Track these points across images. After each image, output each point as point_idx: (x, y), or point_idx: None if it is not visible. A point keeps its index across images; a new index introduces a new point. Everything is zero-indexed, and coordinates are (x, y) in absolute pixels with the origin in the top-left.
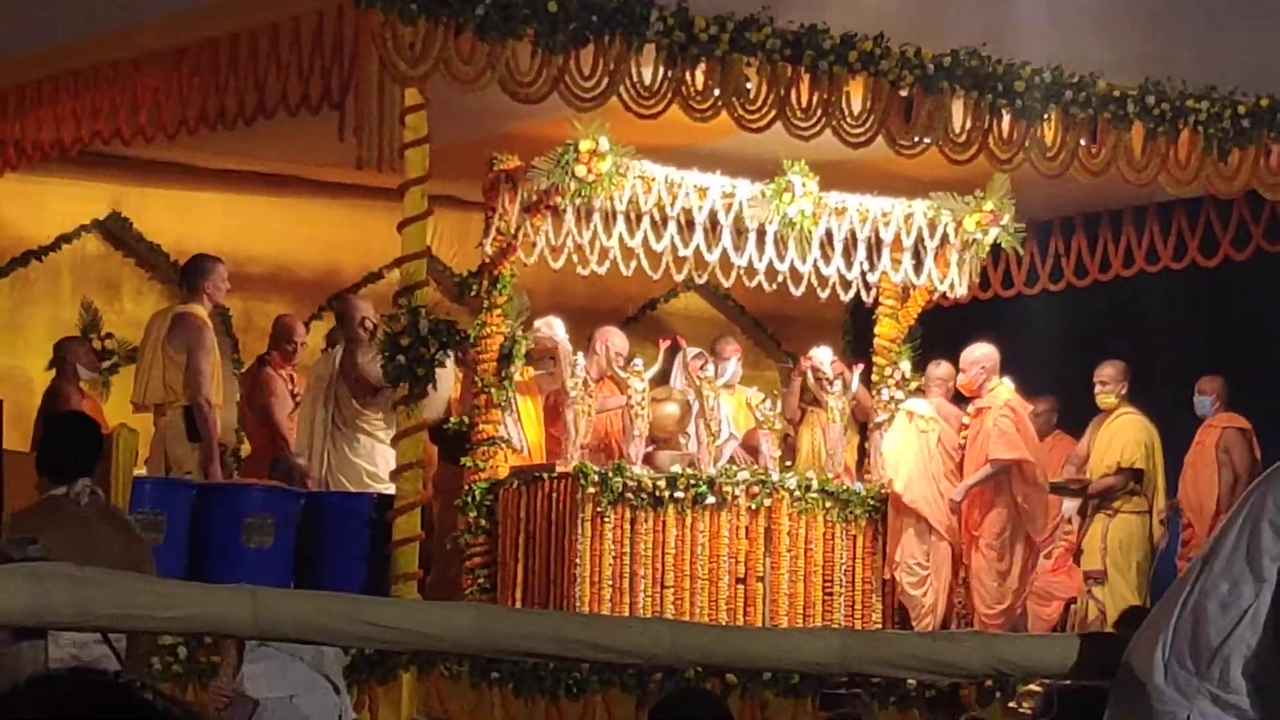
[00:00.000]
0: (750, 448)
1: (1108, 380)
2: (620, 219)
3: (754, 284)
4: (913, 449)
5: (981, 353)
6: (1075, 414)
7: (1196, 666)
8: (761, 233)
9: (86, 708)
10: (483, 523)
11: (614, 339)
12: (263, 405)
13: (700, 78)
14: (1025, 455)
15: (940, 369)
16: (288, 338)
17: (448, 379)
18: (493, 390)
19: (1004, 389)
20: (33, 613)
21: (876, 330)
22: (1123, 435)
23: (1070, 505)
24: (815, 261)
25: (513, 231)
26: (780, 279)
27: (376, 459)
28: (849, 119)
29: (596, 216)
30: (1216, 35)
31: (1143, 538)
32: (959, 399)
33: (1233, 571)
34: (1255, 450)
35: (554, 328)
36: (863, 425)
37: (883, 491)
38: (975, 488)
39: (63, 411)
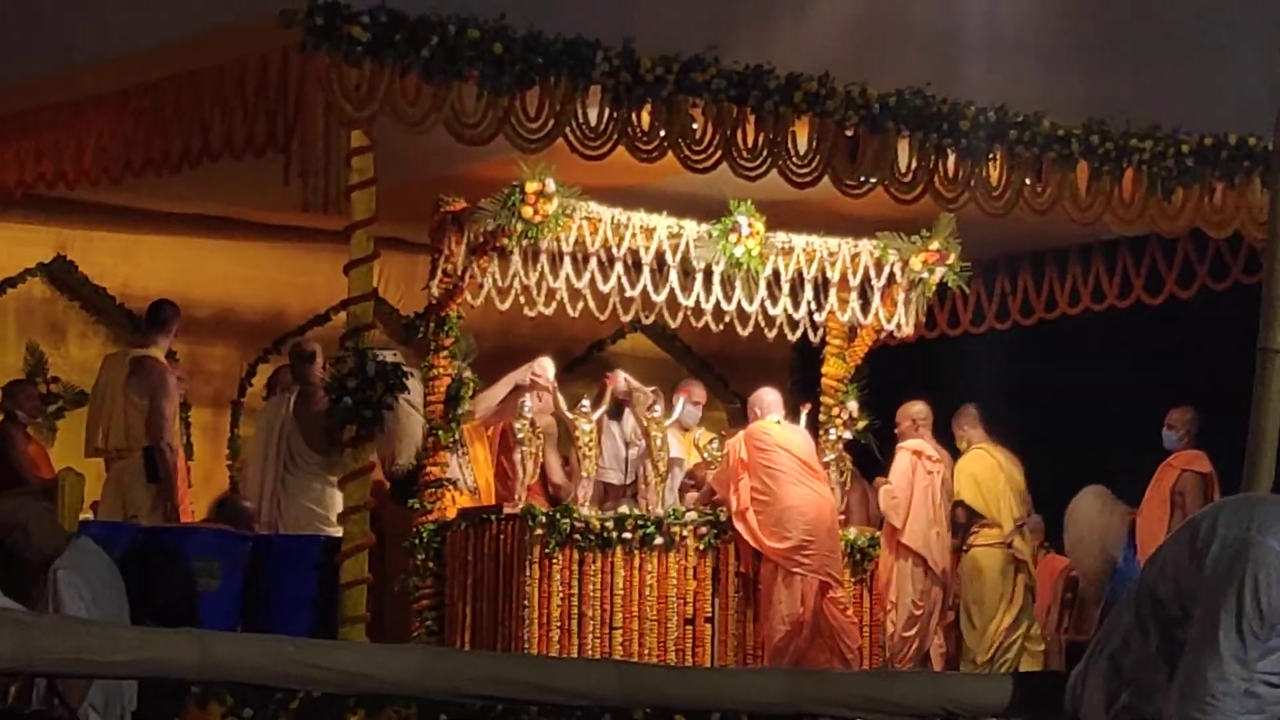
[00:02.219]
0: (697, 486)
1: (954, 429)
2: (567, 260)
3: (701, 324)
4: (920, 489)
5: (756, 394)
6: (1019, 453)
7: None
8: (708, 273)
9: None
10: (430, 565)
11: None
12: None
13: (646, 118)
14: (714, 486)
15: (915, 408)
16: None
17: (417, 423)
18: (440, 432)
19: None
20: None
21: (824, 370)
22: (959, 474)
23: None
24: (762, 301)
25: (459, 273)
26: (727, 319)
27: (326, 502)
28: (795, 159)
29: (543, 257)
30: (1159, 74)
31: (993, 569)
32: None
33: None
34: (1214, 495)
35: (547, 369)
36: None
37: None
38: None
39: None
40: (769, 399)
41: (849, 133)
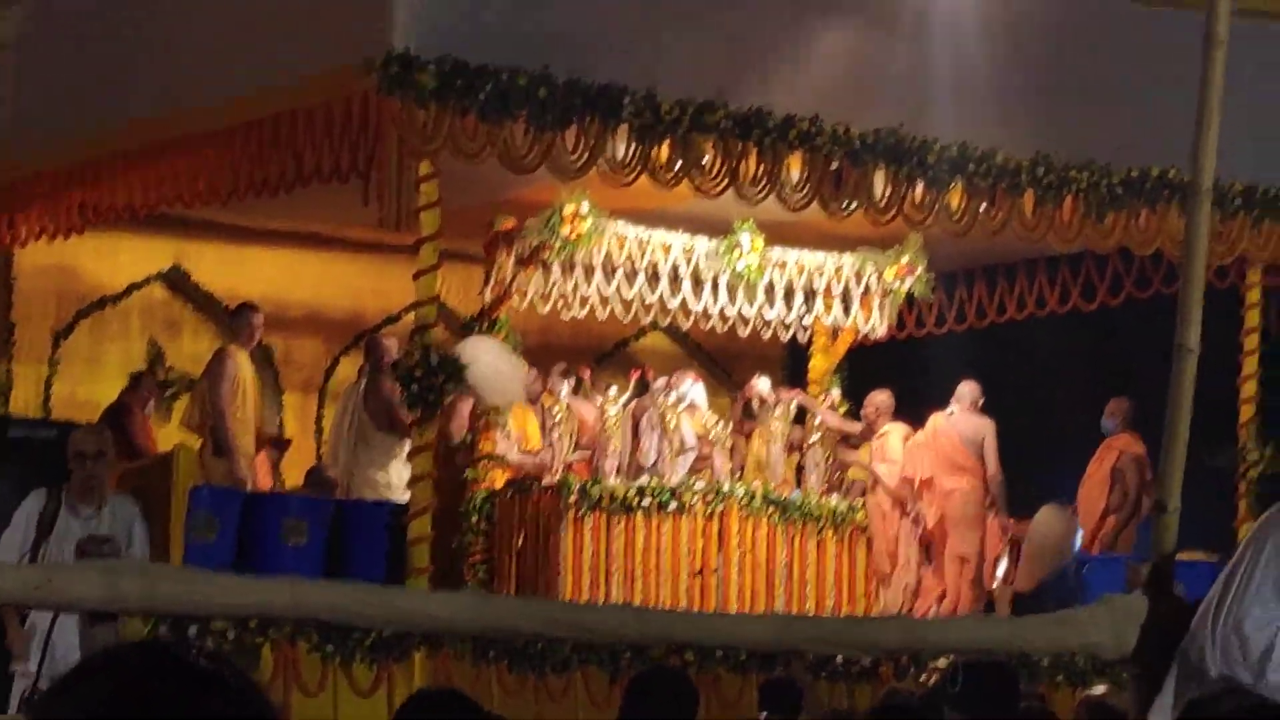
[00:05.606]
0: (704, 459)
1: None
2: (598, 271)
3: (709, 325)
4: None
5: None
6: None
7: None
8: (715, 282)
9: (154, 677)
10: (482, 526)
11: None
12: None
13: (665, 152)
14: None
15: (880, 397)
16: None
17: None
18: (490, 414)
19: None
20: (105, 600)
21: (810, 364)
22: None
23: None
24: (760, 306)
25: (508, 281)
26: (730, 321)
27: (391, 473)
28: (789, 187)
29: (578, 269)
30: (1095, 115)
31: None
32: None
33: (1262, 595)
34: (1148, 474)
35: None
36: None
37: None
38: None
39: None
40: (958, 390)
41: (834, 165)
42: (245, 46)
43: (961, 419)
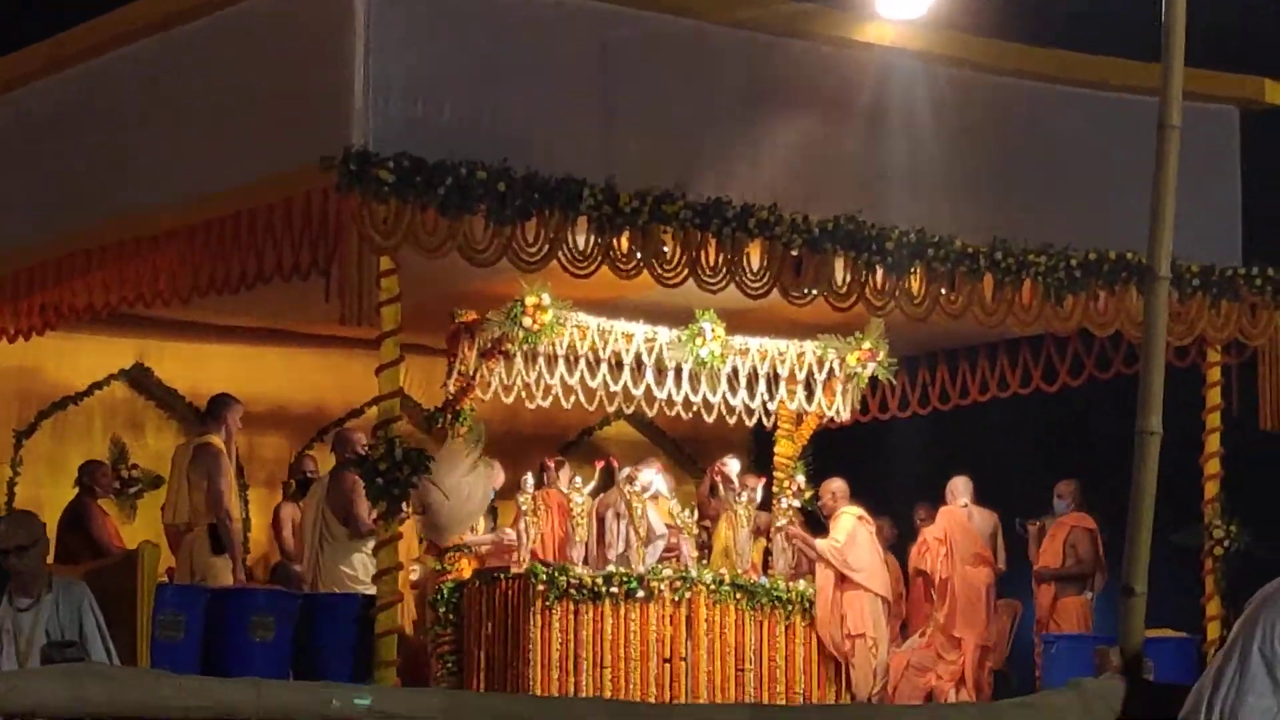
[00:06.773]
0: (671, 547)
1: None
2: (561, 361)
3: (673, 413)
4: (867, 542)
5: (950, 481)
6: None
7: None
8: (678, 370)
9: None
10: (450, 617)
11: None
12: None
13: (625, 243)
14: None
15: (835, 484)
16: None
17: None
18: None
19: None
20: (69, 706)
21: (776, 449)
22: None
23: None
24: (724, 393)
25: (471, 373)
26: (695, 408)
27: (356, 565)
28: (749, 275)
29: (541, 359)
30: (1052, 201)
31: None
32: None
33: (1257, 683)
34: (1099, 546)
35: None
36: (766, 530)
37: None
38: None
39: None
40: (955, 485)
41: (794, 253)
42: (204, 146)
43: (976, 512)
